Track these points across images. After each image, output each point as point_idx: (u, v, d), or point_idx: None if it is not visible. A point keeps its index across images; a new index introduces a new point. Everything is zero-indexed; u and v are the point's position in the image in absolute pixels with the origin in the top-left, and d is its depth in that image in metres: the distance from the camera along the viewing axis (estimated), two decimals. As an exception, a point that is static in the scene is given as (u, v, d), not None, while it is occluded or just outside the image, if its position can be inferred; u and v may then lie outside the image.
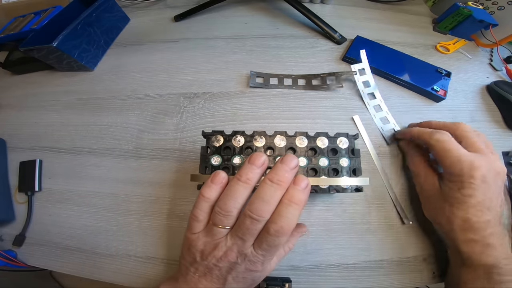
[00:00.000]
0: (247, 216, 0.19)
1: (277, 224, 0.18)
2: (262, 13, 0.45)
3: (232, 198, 0.19)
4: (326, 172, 0.24)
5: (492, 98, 0.36)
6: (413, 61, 0.38)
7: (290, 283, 0.25)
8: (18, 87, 0.40)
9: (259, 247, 0.19)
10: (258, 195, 0.19)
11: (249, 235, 0.19)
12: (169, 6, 0.47)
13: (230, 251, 0.19)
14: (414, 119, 0.32)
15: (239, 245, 0.19)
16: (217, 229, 0.20)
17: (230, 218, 0.19)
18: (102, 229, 0.29)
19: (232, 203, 0.19)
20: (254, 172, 0.20)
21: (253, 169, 0.20)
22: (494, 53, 0.40)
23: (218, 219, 0.20)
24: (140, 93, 0.37)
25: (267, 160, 0.20)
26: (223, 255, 0.19)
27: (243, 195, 0.19)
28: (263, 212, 0.18)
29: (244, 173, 0.19)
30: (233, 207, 0.19)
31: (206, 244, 0.20)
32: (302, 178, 0.19)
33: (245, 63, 0.38)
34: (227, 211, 0.19)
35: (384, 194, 0.30)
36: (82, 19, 0.37)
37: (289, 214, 0.18)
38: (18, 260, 0.29)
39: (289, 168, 0.19)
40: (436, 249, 0.28)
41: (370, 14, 0.45)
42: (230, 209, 0.19)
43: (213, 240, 0.20)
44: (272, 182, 0.19)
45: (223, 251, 0.20)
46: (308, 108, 0.35)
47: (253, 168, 0.20)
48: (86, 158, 0.33)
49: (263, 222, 0.19)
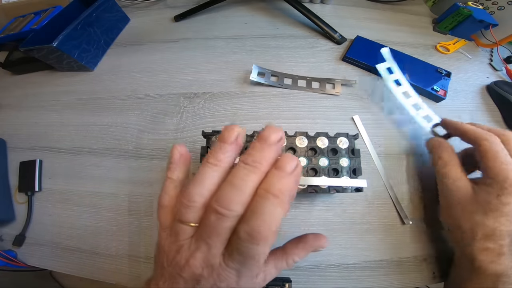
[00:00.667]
0: (211, 210, 0.14)
1: (249, 225, 0.13)
2: (262, 13, 0.45)
3: (198, 183, 0.15)
4: (326, 172, 0.24)
5: (492, 98, 0.36)
6: (413, 61, 0.38)
7: (290, 283, 0.25)
8: (18, 87, 0.40)
9: (230, 257, 0.15)
10: (227, 181, 0.14)
11: (215, 238, 0.14)
12: (169, 6, 0.47)
13: (193, 259, 0.15)
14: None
15: (203, 251, 0.15)
16: (179, 225, 0.15)
17: (193, 210, 0.15)
18: (102, 229, 0.29)
19: (196, 189, 0.15)
20: (224, 151, 0.15)
21: (223, 147, 0.15)
22: (494, 53, 0.40)
23: (179, 211, 0.15)
24: (140, 93, 0.37)
25: (241, 134, 0.16)
26: (185, 263, 0.15)
27: (212, 179, 0.15)
28: (231, 203, 0.14)
29: (213, 154, 0.15)
30: (196, 193, 0.15)
31: (170, 245, 0.16)
32: (287, 158, 0.14)
33: (245, 63, 0.38)
34: (189, 199, 0.15)
35: (384, 194, 0.30)
36: (82, 19, 0.37)
37: (266, 210, 0.13)
38: (18, 260, 0.29)
39: (267, 145, 0.15)
40: (436, 249, 0.28)
41: (370, 14, 0.45)
42: (192, 196, 0.15)
43: (176, 241, 0.16)
44: (246, 163, 0.14)
45: (185, 258, 0.15)
46: (308, 108, 0.35)
47: (223, 146, 0.15)
48: (86, 158, 0.33)
49: (233, 218, 0.14)
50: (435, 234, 0.28)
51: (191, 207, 0.15)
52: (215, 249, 0.15)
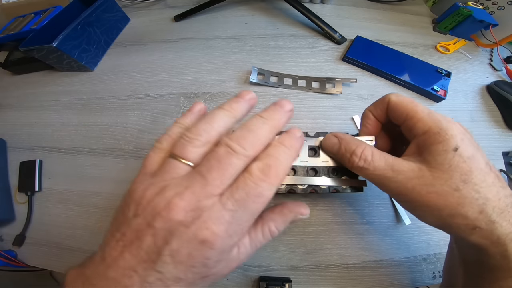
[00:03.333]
0: (221, 144, 0.14)
1: (263, 162, 0.14)
2: (262, 13, 0.45)
3: (208, 122, 0.15)
4: (326, 172, 0.24)
5: (492, 98, 0.36)
6: (413, 61, 0.38)
7: (290, 283, 0.25)
8: (18, 87, 0.40)
9: (231, 196, 0.13)
10: (243, 125, 0.15)
11: (216, 173, 0.13)
12: (169, 6, 0.47)
13: (179, 199, 0.12)
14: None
15: (195, 189, 0.13)
16: (173, 162, 0.14)
17: (195, 145, 0.14)
18: (102, 229, 0.29)
19: (206, 125, 0.14)
20: (239, 104, 0.16)
21: (239, 101, 0.16)
22: (494, 53, 0.40)
23: (180, 144, 0.14)
24: (140, 93, 0.37)
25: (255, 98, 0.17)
26: (165, 205, 0.12)
27: (222, 122, 0.15)
28: (245, 142, 0.14)
29: (228, 103, 0.16)
30: (203, 129, 0.14)
31: (148, 187, 0.13)
32: (295, 129, 0.16)
33: (245, 63, 0.38)
34: (195, 133, 0.14)
35: (384, 194, 0.30)
36: (82, 19, 0.37)
37: (279, 155, 0.14)
38: (18, 260, 0.29)
39: (283, 110, 0.16)
40: (436, 249, 0.28)
41: (370, 14, 0.45)
42: (199, 130, 0.14)
43: (161, 181, 0.13)
44: (261, 116, 0.15)
45: (167, 198, 0.12)
46: (308, 108, 0.35)
47: (239, 100, 0.16)
48: (86, 158, 0.33)
49: (243, 158, 0.13)
50: (435, 234, 0.28)
51: (194, 141, 0.14)
52: (212, 187, 0.13)
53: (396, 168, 0.17)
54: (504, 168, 0.31)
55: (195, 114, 0.17)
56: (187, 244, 0.12)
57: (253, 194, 0.13)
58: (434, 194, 0.16)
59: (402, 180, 0.17)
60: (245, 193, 0.13)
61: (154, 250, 0.12)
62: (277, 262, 0.27)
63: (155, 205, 0.12)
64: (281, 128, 0.16)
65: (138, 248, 0.12)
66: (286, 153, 0.14)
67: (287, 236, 0.28)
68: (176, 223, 0.12)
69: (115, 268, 0.12)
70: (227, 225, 0.13)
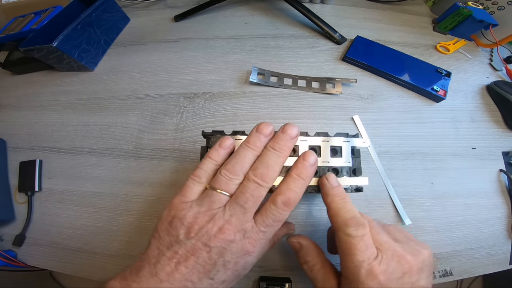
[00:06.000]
0: (250, 180, 0.18)
1: (285, 196, 0.18)
2: (262, 13, 0.45)
3: (240, 162, 0.18)
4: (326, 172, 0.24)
5: (492, 98, 0.36)
6: (413, 61, 0.38)
7: (290, 283, 0.25)
8: (18, 87, 0.40)
9: (263, 222, 0.18)
10: (261, 161, 0.19)
11: (251, 203, 0.17)
12: (169, 6, 0.47)
13: (228, 225, 0.17)
14: (414, 119, 0.32)
15: (239, 216, 0.17)
16: (216, 194, 0.18)
17: (235, 182, 0.18)
18: (102, 229, 0.29)
19: (240, 166, 0.18)
20: (261, 141, 0.19)
21: (260, 138, 0.19)
22: (494, 53, 0.40)
23: (221, 181, 0.18)
24: (140, 93, 0.37)
25: (273, 130, 0.20)
26: (218, 231, 0.17)
27: (250, 160, 0.19)
28: (267, 178, 0.18)
29: (252, 141, 0.19)
30: (240, 170, 0.18)
31: (198, 215, 0.17)
32: (310, 153, 0.19)
33: (245, 63, 0.38)
34: (235, 173, 0.18)
35: (384, 194, 0.30)
36: (82, 19, 0.37)
37: (297, 188, 0.18)
38: (18, 260, 0.29)
39: (290, 138, 0.19)
40: (435, 249, 0.28)
41: (370, 14, 0.45)
42: (237, 172, 0.18)
43: (209, 211, 0.17)
44: (274, 149, 0.19)
45: (218, 225, 0.17)
46: (308, 108, 0.35)
47: (261, 137, 0.19)
48: (86, 158, 0.33)
49: (266, 189, 0.18)
50: (435, 235, 0.28)
51: (234, 180, 0.18)
52: (249, 214, 0.17)
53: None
54: (504, 168, 0.31)
55: (226, 151, 0.20)
56: (236, 255, 0.17)
57: (278, 220, 0.18)
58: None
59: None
60: (272, 220, 0.18)
61: (210, 262, 0.16)
62: (277, 262, 0.27)
63: (209, 230, 0.17)
64: (289, 152, 0.19)
65: (195, 262, 0.16)
66: (303, 184, 0.19)
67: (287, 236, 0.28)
68: (228, 242, 0.17)
69: (171, 281, 0.16)
70: (261, 240, 0.18)
